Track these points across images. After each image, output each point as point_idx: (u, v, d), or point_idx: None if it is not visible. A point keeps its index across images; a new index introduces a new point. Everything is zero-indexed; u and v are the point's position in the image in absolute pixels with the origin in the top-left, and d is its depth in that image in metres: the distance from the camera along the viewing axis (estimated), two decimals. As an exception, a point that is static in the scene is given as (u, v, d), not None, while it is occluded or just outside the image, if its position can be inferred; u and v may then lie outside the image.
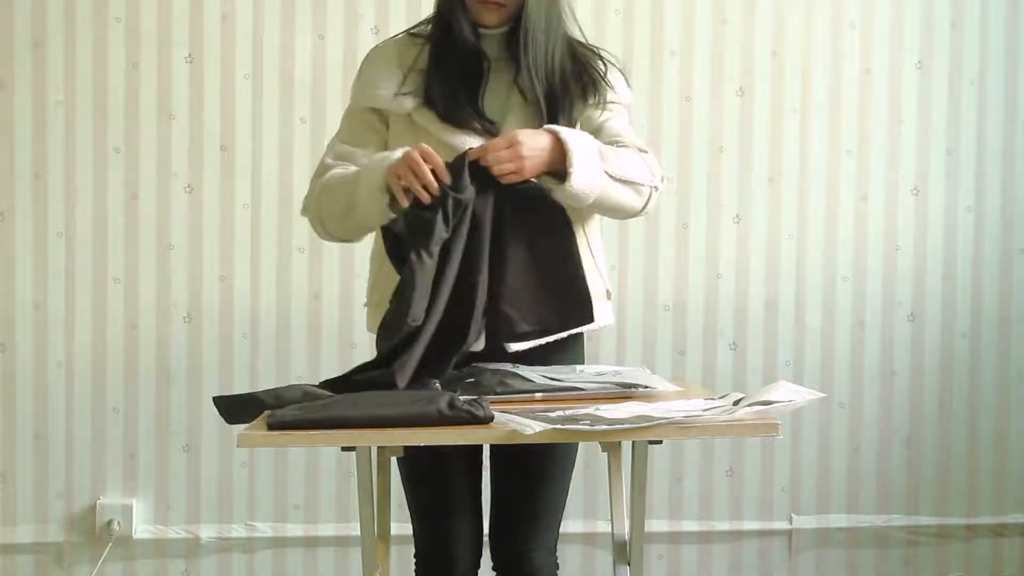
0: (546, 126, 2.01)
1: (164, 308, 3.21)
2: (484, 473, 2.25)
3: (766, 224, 3.31)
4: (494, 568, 2.26)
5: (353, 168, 2.10)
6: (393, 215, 1.99)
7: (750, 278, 3.31)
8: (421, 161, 1.92)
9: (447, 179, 1.93)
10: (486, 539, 2.26)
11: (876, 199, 3.34)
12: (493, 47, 2.14)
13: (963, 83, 3.33)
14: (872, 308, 3.35)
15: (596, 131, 2.15)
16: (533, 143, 1.96)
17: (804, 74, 3.30)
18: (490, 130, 2.10)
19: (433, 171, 1.92)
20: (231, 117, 3.20)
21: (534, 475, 2.19)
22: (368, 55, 2.23)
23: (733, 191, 3.30)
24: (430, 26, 2.18)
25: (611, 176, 2.02)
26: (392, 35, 2.25)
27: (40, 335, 3.20)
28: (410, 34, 2.21)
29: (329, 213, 2.12)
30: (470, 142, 2.06)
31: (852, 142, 3.32)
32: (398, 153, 1.97)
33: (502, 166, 1.94)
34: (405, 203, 1.95)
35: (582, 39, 2.22)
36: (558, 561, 2.28)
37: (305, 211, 2.18)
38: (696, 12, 3.27)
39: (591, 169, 1.98)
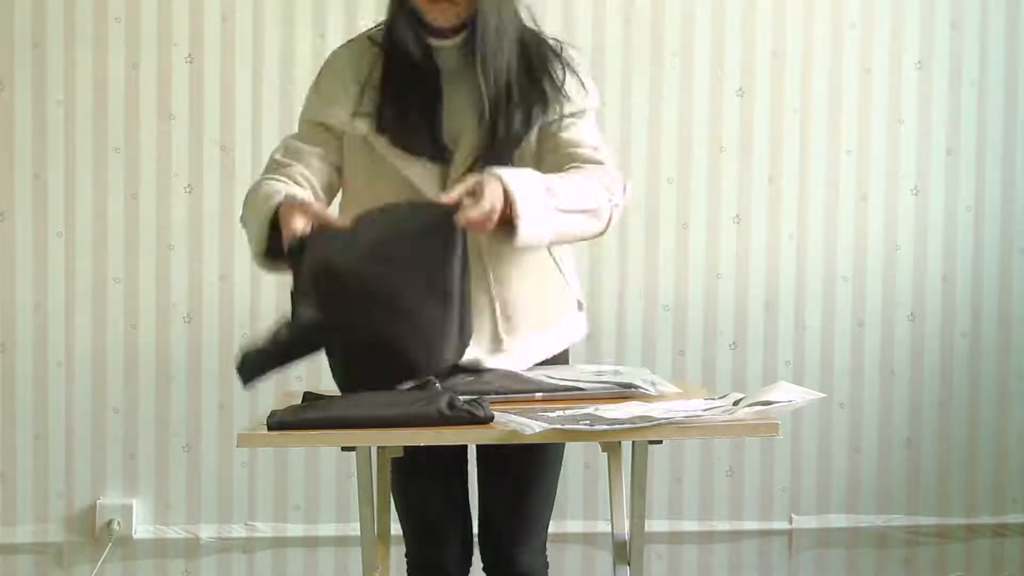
0: (492, 170, 1.87)
1: (164, 308, 3.21)
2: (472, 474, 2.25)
3: (766, 224, 3.31)
4: (484, 569, 2.26)
5: (269, 187, 1.99)
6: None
7: (750, 278, 3.31)
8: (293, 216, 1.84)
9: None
10: (475, 540, 2.26)
11: (876, 199, 3.33)
12: (449, 60, 2.03)
13: (963, 83, 3.33)
14: (872, 308, 3.35)
15: (554, 145, 2.04)
16: (495, 196, 1.83)
17: (804, 74, 3.30)
18: (445, 158, 2.00)
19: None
20: (231, 117, 3.20)
21: (522, 476, 2.18)
22: (327, 63, 2.12)
23: (733, 191, 3.30)
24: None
25: (564, 211, 1.90)
26: (354, 36, 2.15)
27: (40, 335, 3.20)
28: (369, 38, 2.08)
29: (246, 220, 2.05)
30: (423, 175, 1.99)
31: (852, 142, 3.32)
32: (279, 197, 1.91)
33: (475, 227, 1.84)
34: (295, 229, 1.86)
35: (535, 28, 2.08)
36: (547, 561, 2.28)
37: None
38: (696, 12, 3.27)
39: (540, 212, 1.86)
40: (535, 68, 2.04)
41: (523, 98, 2.01)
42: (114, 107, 3.18)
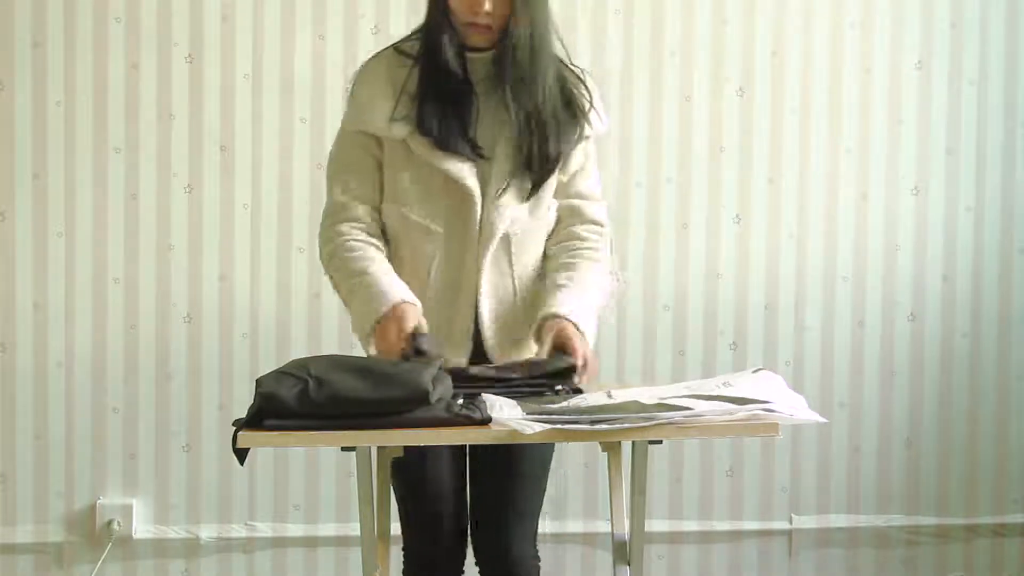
0: (569, 319, 2.09)
1: (164, 308, 3.21)
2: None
3: (766, 224, 3.31)
4: (476, 562, 2.30)
5: (358, 263, 2.13)
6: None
7: (750, 278, 3.31)
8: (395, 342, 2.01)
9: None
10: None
11: (876, 199, 3.33)
12: (481, 70, 2.15)
13: (963, 83, 3.33)
14: (872, 308, 3.35)
15: (567, 182, 2.22)
16: (590, 354, 2.09)
17: (804, 74, 3.30)
18: (481, 155, 2.14)
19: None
20: (231, 117, 3.20)
21: (512, 468, 2.23)
22: (359, 74, 2.22)
23: (733, 191, 3.30)
24: (418, 45, 2.18)
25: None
26: (381, 50, 2.24)
27: (40, 335, 3.20)
28: (398, 51, 2.20)
29: (336, 287, 2.22)
30: (463, 169, 2.12)
31: (852, 142, 3.32)
32: (383, 309, 2.04)
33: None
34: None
35: (566, 59, 2.23)
36: (538, 553, 2.32)
37: (321, 260, 2.24)
38: (696, 12, 3.27)
39: (594, 331, 2.17)
40: (567, 88, 2.19)
41: (555, 118, 2.15)
42: (114, 107, 3.18)
